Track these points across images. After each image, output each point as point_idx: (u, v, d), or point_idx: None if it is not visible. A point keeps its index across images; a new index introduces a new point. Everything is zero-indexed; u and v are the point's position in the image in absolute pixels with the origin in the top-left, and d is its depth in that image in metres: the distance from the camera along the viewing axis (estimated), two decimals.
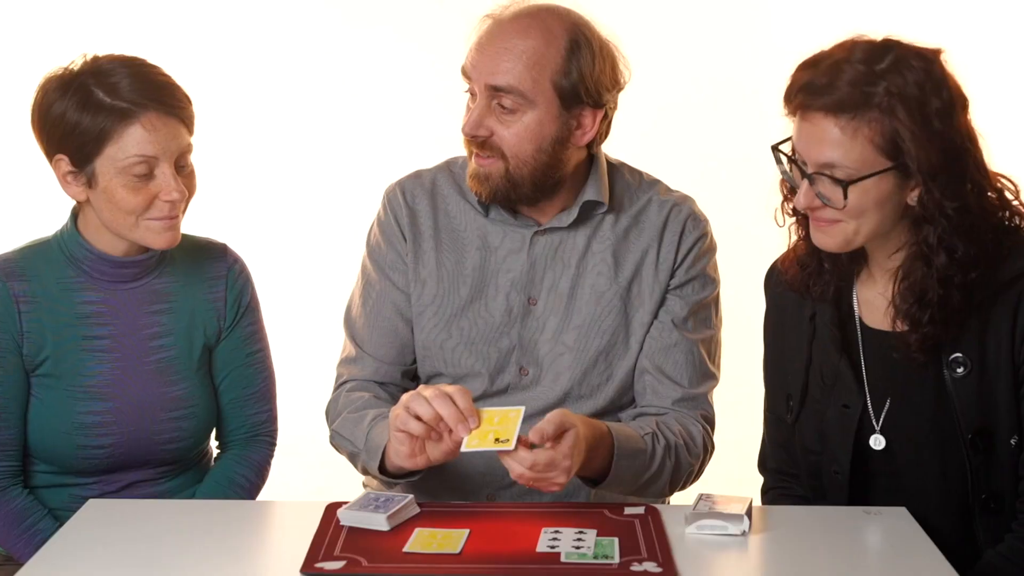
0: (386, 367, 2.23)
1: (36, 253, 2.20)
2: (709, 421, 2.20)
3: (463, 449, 1.85)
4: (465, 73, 2.12)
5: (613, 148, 2.24)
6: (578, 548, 1.79)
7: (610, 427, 2.03)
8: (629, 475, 2.03)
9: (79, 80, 2.09)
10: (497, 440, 1.83)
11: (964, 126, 1.93)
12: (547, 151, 2.10)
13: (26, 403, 2.19)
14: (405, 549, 1.78)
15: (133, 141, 2.07)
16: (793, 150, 1.97)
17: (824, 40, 1.97)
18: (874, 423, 2.04)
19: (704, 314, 2.22)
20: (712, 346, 2.23)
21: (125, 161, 2.08)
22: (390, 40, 3.69)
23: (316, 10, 3.69)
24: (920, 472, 2.03)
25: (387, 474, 2.03)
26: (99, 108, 2.07)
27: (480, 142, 2.10)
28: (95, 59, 2.12)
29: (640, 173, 2.27)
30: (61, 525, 1.93)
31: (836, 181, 1.90)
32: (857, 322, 2.07)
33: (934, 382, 1.99)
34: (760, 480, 2.25)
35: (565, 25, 2.10)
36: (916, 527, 1.88)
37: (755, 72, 3.59)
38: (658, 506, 1.96)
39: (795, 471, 2.17)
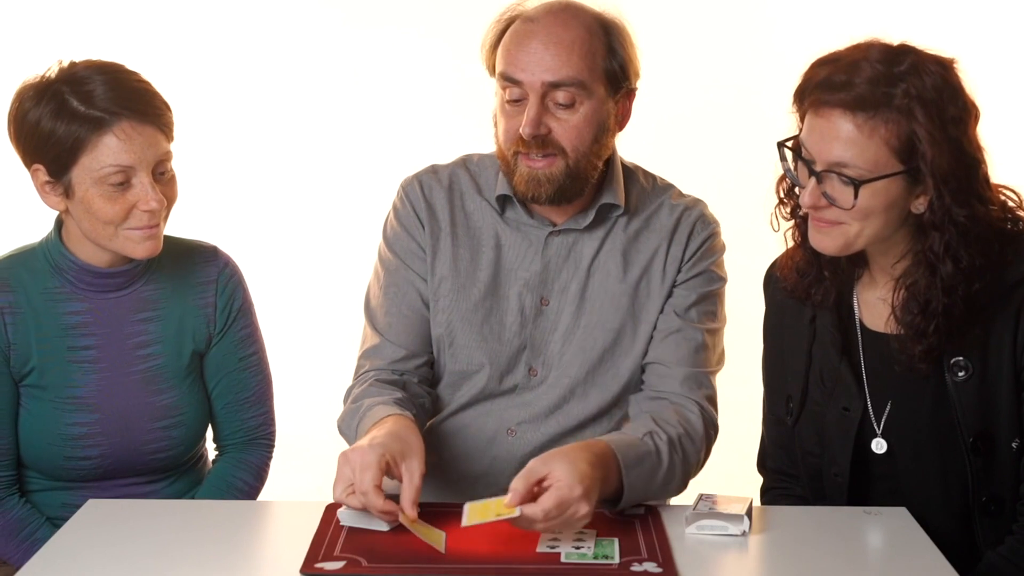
0: (408, 355, 2.20)
1: (21, 262, 2.18)
2: (711, 401, 2.15)
3: (464, 523, 1.79)
4: (508, 78, 2.08)
5: (622, 151, 2.24)
6: (578, 548, 1.79)
7: (608, 440, 1.98)
8: (642, 482, 1.97)
9: (54, 88, 2.06)
10: (499, 515, 1.77)
11: (975, 137, 1.92)
12: (600, 141, 2.11)
13: (16, 413, 2.17)
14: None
15: (108, 151, 2.04)
16: (800, 147, 1.95)
17: (827, 44, 1.97)
18: (875, 426, 2.04)
19: (709, 306, 2.20)
20: (717, 337, 2.21)
21: (101, 171, 2.05)
22: (392, 41, 3.70)
23: (318, 10, 3.70)
24: (920, 475, 2.02)
25: None
26: (73, 117, 2.04)
27: (540, 142, 2.07)
28: (71, 65, 2.09)
29: (654, 177, 2.27)
30: None
31: (846, 181, 1.88)
32: (857, 324, 2.07)
33: (935, 386, 1.99)
34: (759, 480, 2.25)
35: (592, 13, 2.11)
36: (916, 527, 1.88)
37: (757, 75, 3.60)
38: (658, 506, 1.96)
39: (794, 471, 2.17)
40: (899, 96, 1.85)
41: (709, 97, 3.66)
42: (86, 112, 2.04)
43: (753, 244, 2.31)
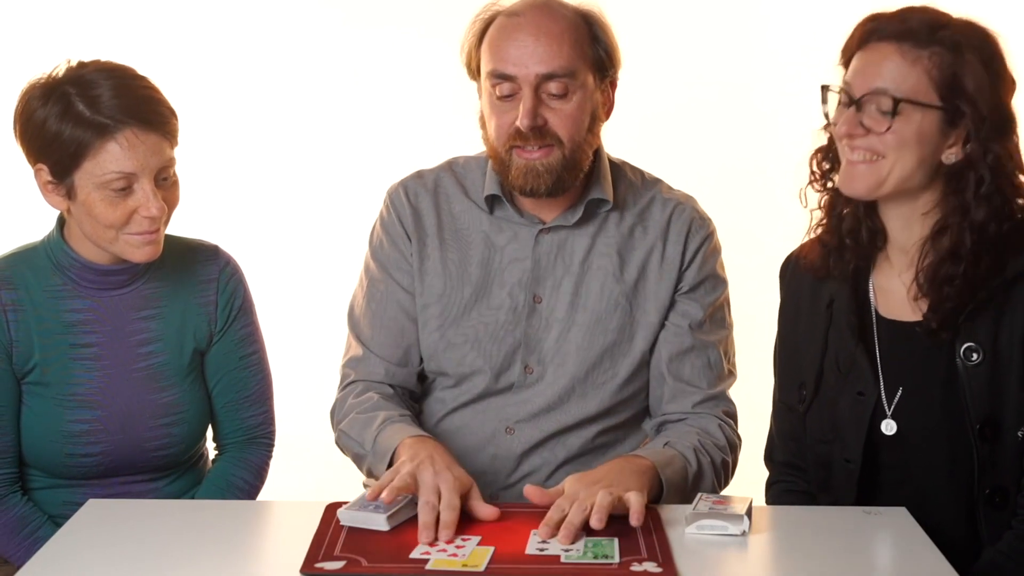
0: (393, 368, 2.22)
1: (23, 260, 2.19)
2: (731, 415, 2.22)
3: (427, 568, 1.73)
4: (498, 74, 2.09)
5: (610, 148, 2.25)
6: (578, 548, 1.78)
7: (632, 452, 2.03)
8: (679, 479, 2.02)
9: (61, 89, 2.06)
10: (464, 565, 1.73)
11: (1011, 105, 1.97)
12: (592, 129, 2.13)
13: (18, 411, 2.18)
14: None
15: (111, 157, 2.05)
16: (843, 88, 1.98)
17: (817, 40, 1.99)
18: (887, 411, 2.05)
19: (719, 315, 2.23)
20: (728, 345, 2.24)
21: (103, 177, 2.05)
22: (392, 41, 3.69)
23: (318, 10, 3.70)
24: (929, 463, 2.03)
25: None
26: (78, 121, 2.04)
27: (537, 132, 2.08)
28: (80, 66, 2.09)
29: (641, 172, 2.28)
30: None
31: (885, 110, 1.92)
32: (873, 312, 2.09)
33: (946, 371, 2.00)
34: (765, 473, 2.26)
35: (571, 6, 2.13)
36: (916, 527, 1.88)
37: (744, 71, 3.59)
38: (658, 506, 1.96)
39: (802, 464, 2.18)
40: (947, 36, 1.92)
41: (694, 93, 3.66)
42: (91, 117, 2.04)
43: (749, 242, 2.32)
